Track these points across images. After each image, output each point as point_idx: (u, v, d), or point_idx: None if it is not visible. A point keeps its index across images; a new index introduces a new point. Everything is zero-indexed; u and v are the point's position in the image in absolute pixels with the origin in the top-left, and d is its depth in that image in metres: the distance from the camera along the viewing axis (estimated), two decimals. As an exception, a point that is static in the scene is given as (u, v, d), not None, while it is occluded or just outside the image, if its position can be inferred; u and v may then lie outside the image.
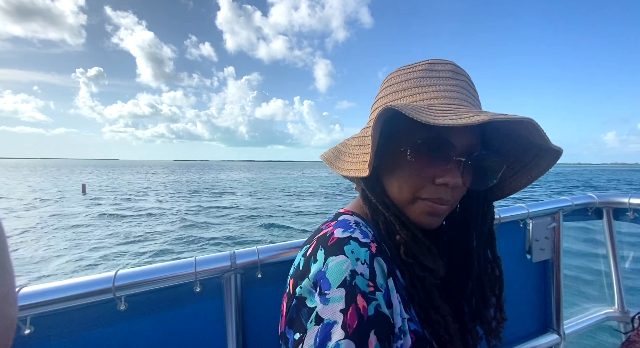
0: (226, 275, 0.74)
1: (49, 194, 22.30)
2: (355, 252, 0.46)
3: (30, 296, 0.59)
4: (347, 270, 0.44)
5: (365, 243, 0.48)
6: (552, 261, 1.22)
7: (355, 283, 0.43)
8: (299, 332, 0.44)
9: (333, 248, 0.48)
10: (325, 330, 0.40)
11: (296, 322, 0.46)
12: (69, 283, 0.62)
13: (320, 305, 0.43)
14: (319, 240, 0.52)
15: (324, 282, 0.44)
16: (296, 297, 0.48)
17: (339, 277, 0.44)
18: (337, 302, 0.42)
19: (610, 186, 36.41)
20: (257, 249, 0.77)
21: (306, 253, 0.52)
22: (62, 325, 0.63)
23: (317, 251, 0.49)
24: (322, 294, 0.43)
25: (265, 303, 0.79)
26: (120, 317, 0.67)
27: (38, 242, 8.88)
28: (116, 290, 0.64)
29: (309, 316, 0.43)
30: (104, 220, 12.69)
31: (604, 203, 1.31)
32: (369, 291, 0.43)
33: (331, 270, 0.45)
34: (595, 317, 1.34)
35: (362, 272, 0.44)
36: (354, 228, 0.52)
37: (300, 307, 0.46)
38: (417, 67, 0.55)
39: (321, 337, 0.40)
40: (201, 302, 0.74)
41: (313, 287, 0.46)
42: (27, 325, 0.60)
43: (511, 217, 1.13)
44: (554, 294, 1.22)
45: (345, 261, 0.45)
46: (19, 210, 15.23)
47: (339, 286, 0.43)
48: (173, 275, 0.69)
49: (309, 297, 0.45)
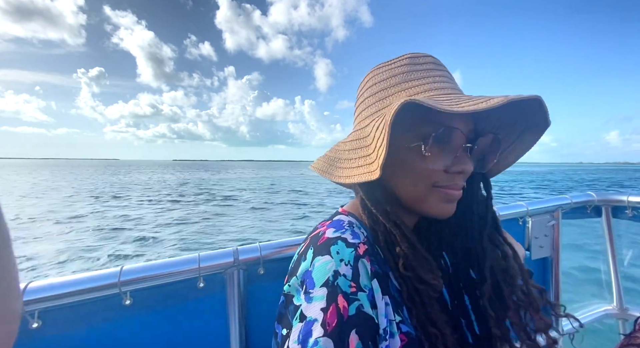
0: (229, 271, 0.75)
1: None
2: (340, 253, 0.47)
3: (38, 290, 0.61)
4: (331, 270, 0.45)
5: (353, 243, 0.49)
6: (551, 258, 1.23)
7: (337, 284, 0.44)
8: (286, 327, 0.46)
9: (321, 248, 0.49)
10: (307, 327, 0.42)
11: (284, 318, 0.48)
12: (75, 278, 0.64)
13: (304, 303, 0.44)
14: (312, 239, 0.53)
15: (309, 281, 0.46)
16: (285, 294, 0.50)
17: (322, 277, 0.45)
18: (319, 301, 0.43)
19: (576, 187, 33.20)
20: (259, 246, 0.78)
21: (300, 251, 0.54)
22: (68, 319, 0.65)
23: (308, 250, 0.51)
24: (307, 292, 0.45)
25: (267, 299, 0.81)
26: (125, 311, 0.68)
27: (43, 237, 8.91)
28: (121, 285, 0.65)
29: (294, 313, 0.45)
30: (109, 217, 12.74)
31: (603, 201, 1.32)
32: (351, 292, 0.44)
33: (316, 270, 0.46)
34: (593, 314, 1.34)
35: (344, 273, 0.45)
36: (345, 229, 0.52)
37: (288, 304, 0.48)
38: (399, 62, 0.55)
39: (303, 334, 0.42)
40: (204, 298, 0.75)
41: (300, 285, 0.48)
42: (35, 319, 0.61)
43: (510, 214, 1.14)
44: (553, 291, 1.23)
45: (329, 261, 0.46)
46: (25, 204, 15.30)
47: (322, 285, 0.44)
48: (177, 271, 0.70)
49: (296, 295, 0.47)
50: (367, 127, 0.54)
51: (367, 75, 0.59)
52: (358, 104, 0.61)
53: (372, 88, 0.57)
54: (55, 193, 21.49)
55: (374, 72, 0.58)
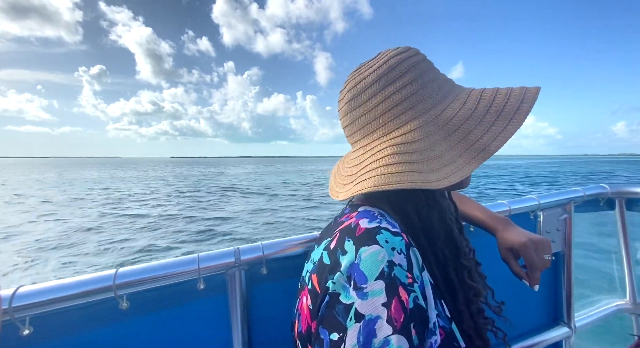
0: (230, 272, 0.72)
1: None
2: (390, 241, 0.43)
3: (29, 295, 0.57)
4: (384, 260, 0.41)
5: (397, 232, 0.45)
6: (563, 253, 1.19)
7: (394, 275, 0.40)
8: (336, 331, 0.40)
9: (363, 238, 0.44)
10: (369, 326, 0.38)
11: (331, 320, 0.42)
12: (68, 282, 0.60)
13: (358, 301, 0.40)
14: (343, 232, 0.48)
15: (359, 275, 0.41)
16: (328, 294, 0.44)
17: (375, 269, 0.40)
18: (378, 296, 0.39)
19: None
20: (261, 245, 0.75)
21: (329, 246, 0.49)
22: (62, 325, 0.61)
23: (344, 242, 0.46)
24: (359, 288, 0.40)
25: (271, 299, 0.77)
26: (122, 315, 0.65)
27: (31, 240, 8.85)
28: (117, 288, 0.62)
29: (346, 313, 0.40)
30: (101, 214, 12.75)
31: (617, 193, 1.28)
32: (408, 282, 0.41)
33: (365, 262, 0.41)
34: (606, 309, 1.31)
35: (399, 263, 0.41)
36: (380, 218, 0.48)
37: (334, 304, 0.42)
38: (410, 52, 0.51)
39: (365, 335, 0.37)
40: (205, 300, 0.72)
41: (347, 281, 0.42)
42: (26, 325, 0.58)
43: (521, 208, 1.10)
44: (565, 287, 1.20)
45: (380, 251, 0.42)
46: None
47: (377, 278, 0.40)
48: (175, 273, 0.67)
49: (343, 293, 0.42)
50: (459, 113, 0.49)
51: (390, 65, 0.50)
52: (379, 100, 0.50)
53: (409, 74, 0.49)
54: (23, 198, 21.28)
55: (395, 59, 0.50)
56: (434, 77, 0.51)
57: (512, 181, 29.70)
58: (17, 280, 5.91)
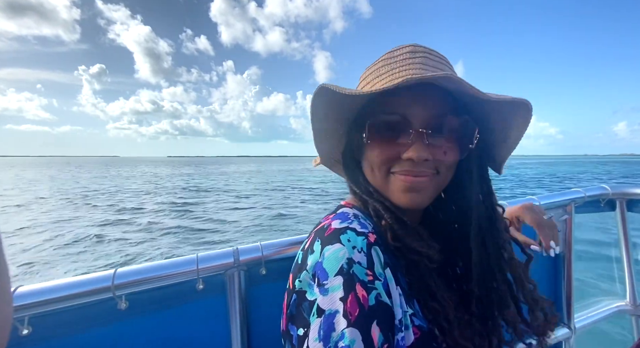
0: (229, 272, 0.72)
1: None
2: (352, 241, 0.45)
3: (28, 295, 0.58)
4: (344, 257, 0.43)
5: (362, 232, 0.47)
6: (564, 254, 1.19)
7: (353, 272, 0.42)
8: (302, 327, 0.43)
9: (329, 238, 0.47)
10: (329, 321, 0.39)
11: (298, 317, 0.44)
12: (67, 282, 0.60)
13: (320, 297, 0.42)
14: (317, 232, 0.51)
15: (322, 273, 0.43)
16: (296, 292, 0.47)
17: (335, 266, 0.42)
18: (336, 291, 0.40)
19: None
20: (260, 245, 0.75)
21: (304, 246, 0.52)
22: (61, 325, 0.62)
23: (314, 243, 0.49)
24: (321, 285, 0.42)
25: (270, 300, 0.77)
26: (120, 316, 0.65)
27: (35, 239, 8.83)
28: (116, 288, 0.62)
29: (310, 309, 0.42)
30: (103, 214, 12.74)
31: (617, 194, 1.28)
32: (368, 280, 0.42)
33: (328, 259, 0.44)
34: (606, 310, 1.31)
35: (359, 261, 0.43)
36: (352, 219, 0.51)
37: (301, 302, 0.45)
38: (378, 60, 0.57)
39: (325, 329, 0.39)
40: (204, 300, 0.72)
41: (312, 279, 0.45)
42: (25, 325, 0.58)
43: None
44: (565, 287, 1.19)
45: (341, 249, 0.44)
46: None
47: (336, 274, 0.42)
48: (174, 273, 0.67)
49: (309, 290, 0.44)
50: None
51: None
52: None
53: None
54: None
55: (362, 74, 0.60)
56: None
57: (512, 181, 29.57)
58: (17, 280, 5.92)
